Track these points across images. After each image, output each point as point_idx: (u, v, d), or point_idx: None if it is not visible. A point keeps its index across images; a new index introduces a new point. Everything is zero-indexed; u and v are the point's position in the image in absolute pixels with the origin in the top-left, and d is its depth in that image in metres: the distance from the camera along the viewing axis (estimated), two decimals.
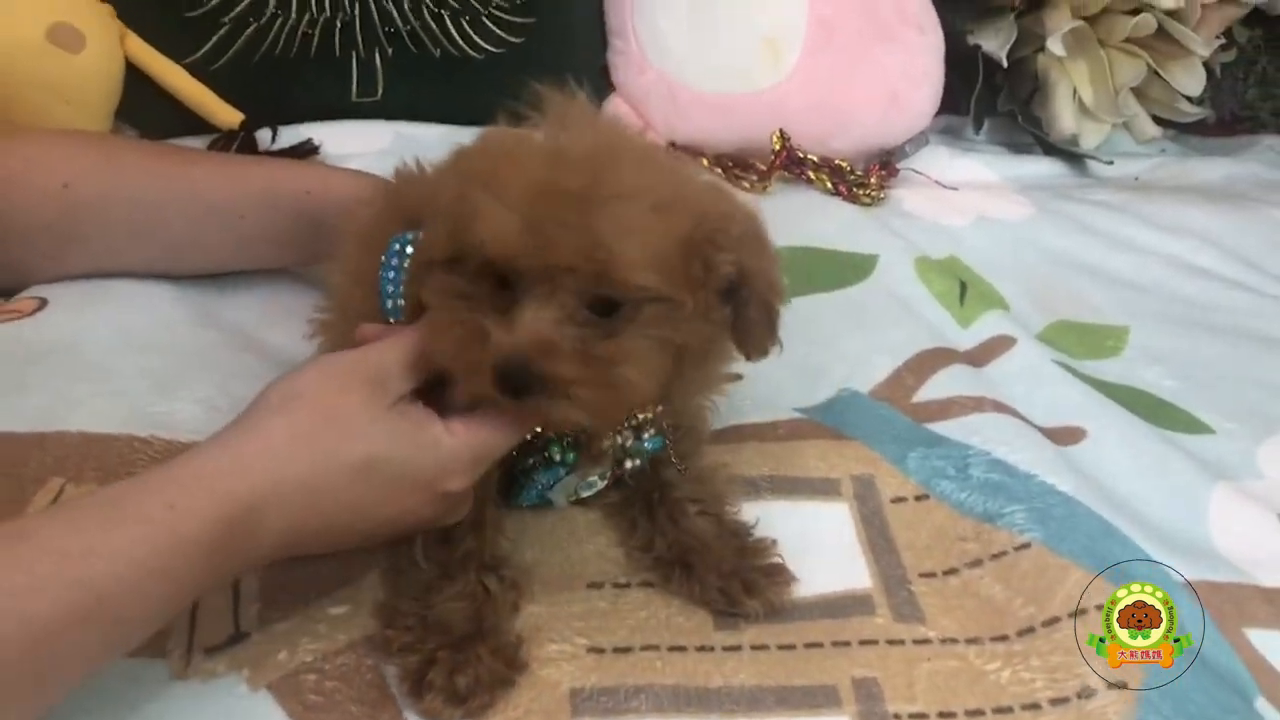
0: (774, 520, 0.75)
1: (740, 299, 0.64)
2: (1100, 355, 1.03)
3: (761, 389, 0.89)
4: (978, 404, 0.87)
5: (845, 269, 1.08)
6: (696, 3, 1.27)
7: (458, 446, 0.61)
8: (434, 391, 0.62)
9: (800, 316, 1.00)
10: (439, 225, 0.61)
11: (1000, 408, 0.87)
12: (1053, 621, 0.68)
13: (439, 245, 0.61)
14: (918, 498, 0.79)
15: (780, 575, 0.70)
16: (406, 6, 1.20)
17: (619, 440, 0.70)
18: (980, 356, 0.97)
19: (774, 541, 0.73)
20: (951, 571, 0.73)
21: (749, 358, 0.68)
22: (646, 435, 0.71)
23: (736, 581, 0.69)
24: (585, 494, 0.73)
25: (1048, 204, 1.28)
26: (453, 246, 0.60)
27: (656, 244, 0.59)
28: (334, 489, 0.58)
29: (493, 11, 1.22)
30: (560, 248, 0.57)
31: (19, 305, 0.92)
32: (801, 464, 0.81)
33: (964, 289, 1.07)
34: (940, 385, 0.90)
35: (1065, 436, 0.87)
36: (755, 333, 0.66)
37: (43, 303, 0.92)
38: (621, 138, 0.64)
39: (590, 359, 0.59)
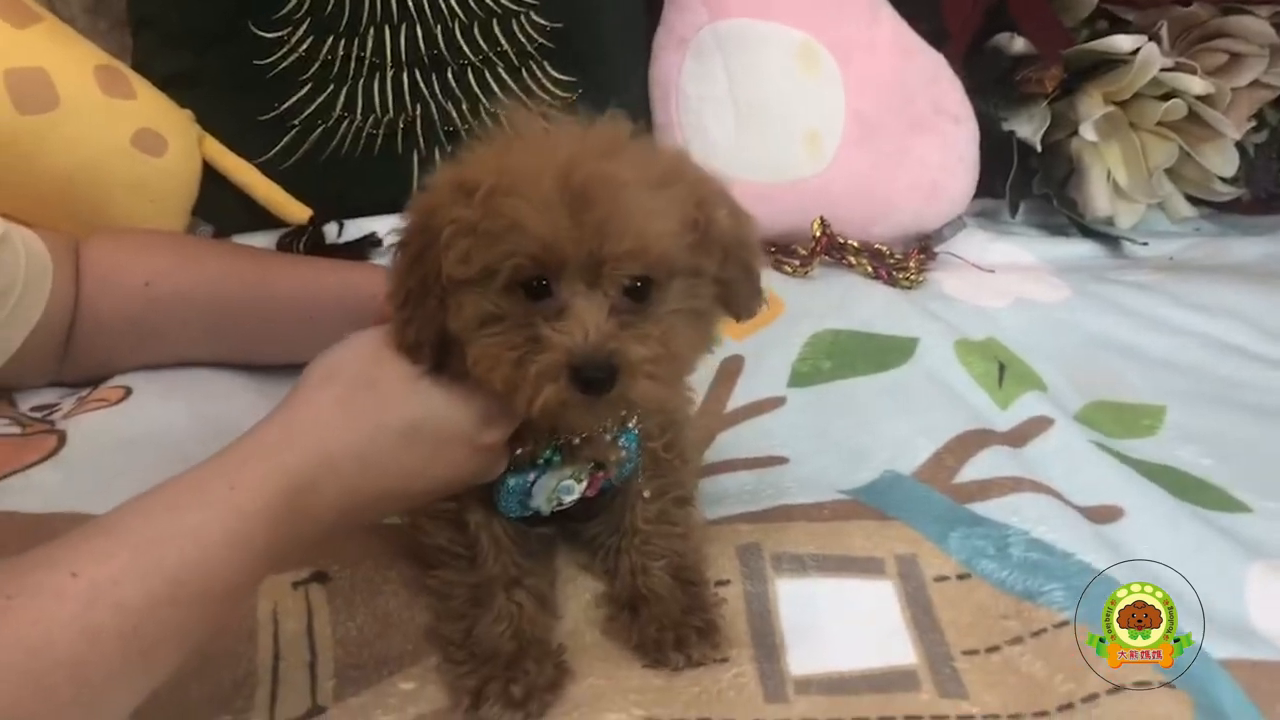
0: (820, 597, 0.79)
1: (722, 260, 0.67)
2: (1137, 434, 1.05)
3: (808, 471, 0.93)
4: (1016, 484, 0.90)
5: (887, 352, 1.12)
6: (742, 105, 1.33)
7: (489, 400, 0.65)
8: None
9: (843, 399, 1.05)
10: (460, 244, 0.62)
11: (1039, 488, 0.90)
12: (1092, 698, 0.70)
13: (465, 264, 0.62)
14: (960, 576, 0.81)
15: (713, 635, 0.73)
16: (465, 107, 1.26)
17: (606, 434, 0.73)
18: (1019, 437, 0.99)
19: (722, 600, 0.77)
20: (993, 649, 0.75)
21: (738, 318, 0.70)
22: (630, 425, 0.73)
23: (671, 634, 0.72)
24: (566, 498, 0.74)
25: (1084, 285, 1.31)
26: (484, 262, 0.61)
27: (674, 218, 0.62)
28: (383, 454, 0.63)
29: (548, 111, 1.28)
30: (604, 238, 0.60)
31: (106, 394, 0.98)
32: (847, 543, 0.84)
33: (1002, 370, 1.10)
34: (980, 466, 0.93)
35: (1103, 515, 0.89)
36: (739, 291, 0.69)
37: (128, 391, 0.98)
38: (604, 129, 0.66)
39: (645, 339, 0.62)
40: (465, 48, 1.26)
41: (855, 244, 1.32)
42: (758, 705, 0.70)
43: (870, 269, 1.30)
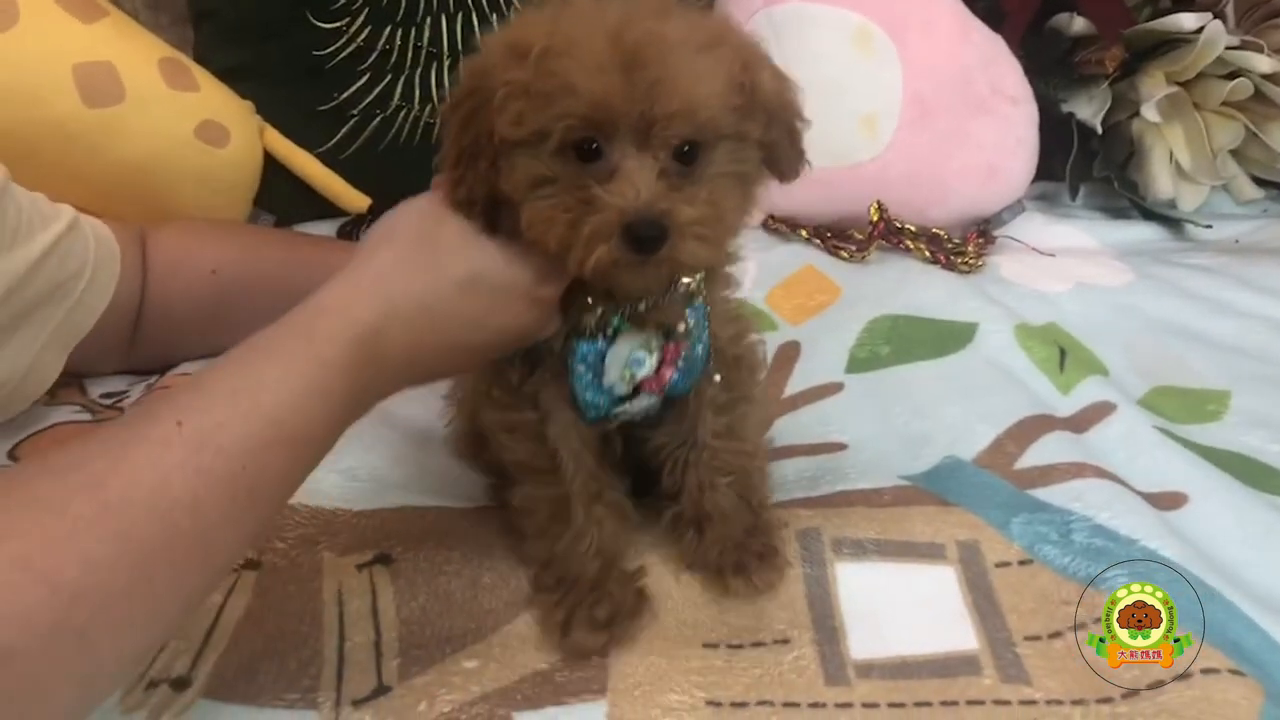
0: (881, 581, 0.79)
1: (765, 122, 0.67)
2: (1201, 420, 1.03)
3: (867, 456, 0.92)
4: (1079, 470, 0.89)
5: (945, 337, 1.11)
6: None
7: (544, 257, 0.66)
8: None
9: (902, 385, 1.04)
10: (513, 106, 0.62)
11: (1102, 473, 0.89)
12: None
13: (517, 126, 0.62)
14: (1022, 562, 0.80)
15: (772, 560, 0.75)
16: None
17: (669, 301, 0.73)
18: (1081, 423, 0.98)
19: (785, 525, 0.79)
20: (1056, 634, 0.74)
21: (782, 179, 0.71)
22: (696, 302, 0.74)
23: (732, 557, 0.74)
24: (639, 372, 0.74)
25: (1146, 269, 1.29)
26: (537, 124, 0.62)
27: (721, 80, 0.63)
28: (445, 303, 0.65)
29: None
30: (655, 99, 0.61)
31: (173, 382, 1.00)
32: (908, 529, 0.83)
33: (1064, 355, 1.09)
34: (1042, 452, 0.92)
35: (1167, 502, 0.88)
36: (783, 153, 0.69)
37: None
38: None
39: (694, 201, 0.63)
40: None
41: (913, 228, 1.31)
42: (818, 688, 0.70)
43: (928, 253, 1.29)
